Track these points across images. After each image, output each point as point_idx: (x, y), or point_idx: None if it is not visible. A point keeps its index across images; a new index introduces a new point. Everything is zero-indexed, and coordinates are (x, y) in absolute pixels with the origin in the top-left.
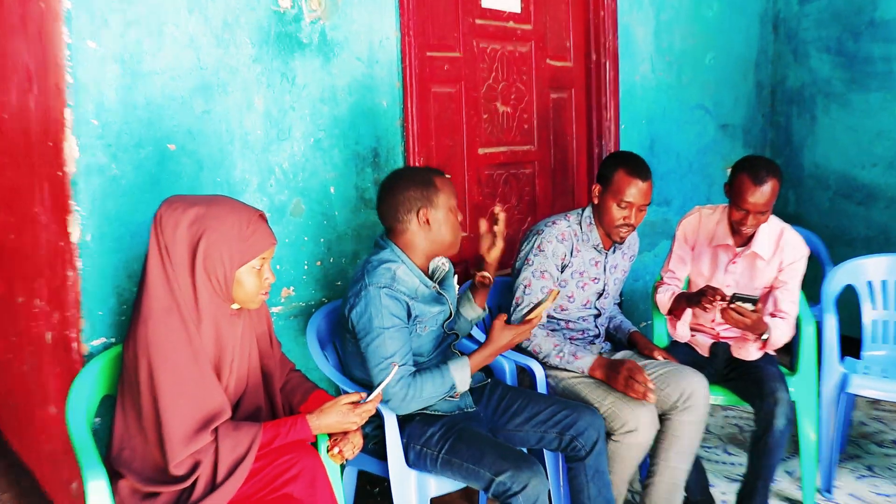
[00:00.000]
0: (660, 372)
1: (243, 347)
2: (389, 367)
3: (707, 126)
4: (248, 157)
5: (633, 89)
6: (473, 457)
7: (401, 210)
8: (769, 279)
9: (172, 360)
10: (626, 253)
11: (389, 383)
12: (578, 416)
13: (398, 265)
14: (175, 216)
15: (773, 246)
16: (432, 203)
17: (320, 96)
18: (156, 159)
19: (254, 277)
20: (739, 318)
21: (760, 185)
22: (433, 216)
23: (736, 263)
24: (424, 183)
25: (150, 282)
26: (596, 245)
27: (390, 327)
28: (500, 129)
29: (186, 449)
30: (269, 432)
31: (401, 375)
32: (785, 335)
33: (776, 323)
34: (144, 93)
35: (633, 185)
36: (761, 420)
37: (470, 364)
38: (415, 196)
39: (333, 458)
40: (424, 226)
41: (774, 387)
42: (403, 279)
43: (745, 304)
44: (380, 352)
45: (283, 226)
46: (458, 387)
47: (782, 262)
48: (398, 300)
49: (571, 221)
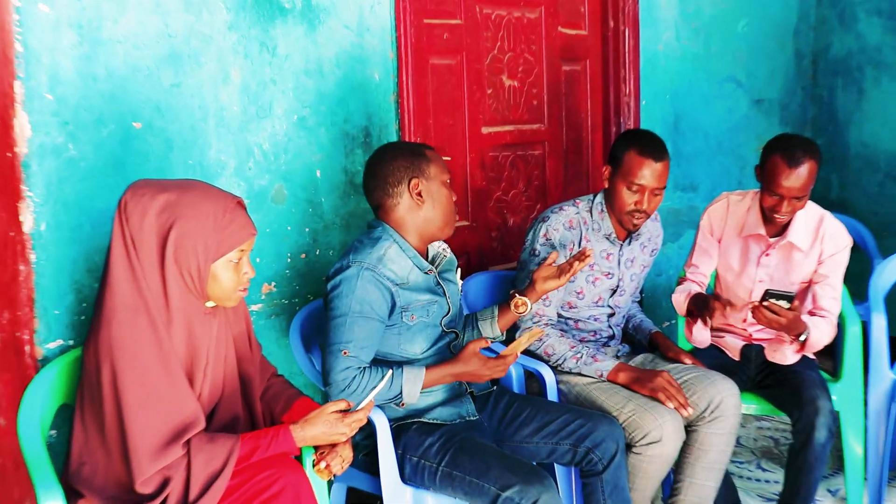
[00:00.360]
0: (685, 378)
1: (219, 350)
2: (340, 352)
3: (739, 101)
4: (224, 137)
5: (656, 60)
6: (477, 470)
7: (390, 182)
8: (807, 273)
9: (139, 365)
10: (646, 246)
11: (333, 370)
12: (594, 425)
13: (390, 244)
14: (142, 203)
15: (811, 235)
16: (424, 173)
17: (304, 68)
18: (119, 138)
19: (231, 272)
20: (773, 318)
21: (796, 167)
22: (426, 188)
23: (769, 255)
24: (414, 153)
25: (113, 277)
26: (608, 235)
27: (357, 313)
28: (506, 106)
29: (155, 464)
30: (247, 445)
31: (348, 365)
32: (826, 336)
33: (816, 322)
34: (105, 63)
35: (645, 167)
36: (799, 432)
37: (426, 378)
38: (405, 165)
39: (320, 473)
40: (416, 199)
41: (814, 394)
42: (394, 259)
43: (779, 301)
44: (336, 333)
45: (263, 214)
46: (404, 397)
47: (822, 254)
48: (379, 287)
49: (581, 208)
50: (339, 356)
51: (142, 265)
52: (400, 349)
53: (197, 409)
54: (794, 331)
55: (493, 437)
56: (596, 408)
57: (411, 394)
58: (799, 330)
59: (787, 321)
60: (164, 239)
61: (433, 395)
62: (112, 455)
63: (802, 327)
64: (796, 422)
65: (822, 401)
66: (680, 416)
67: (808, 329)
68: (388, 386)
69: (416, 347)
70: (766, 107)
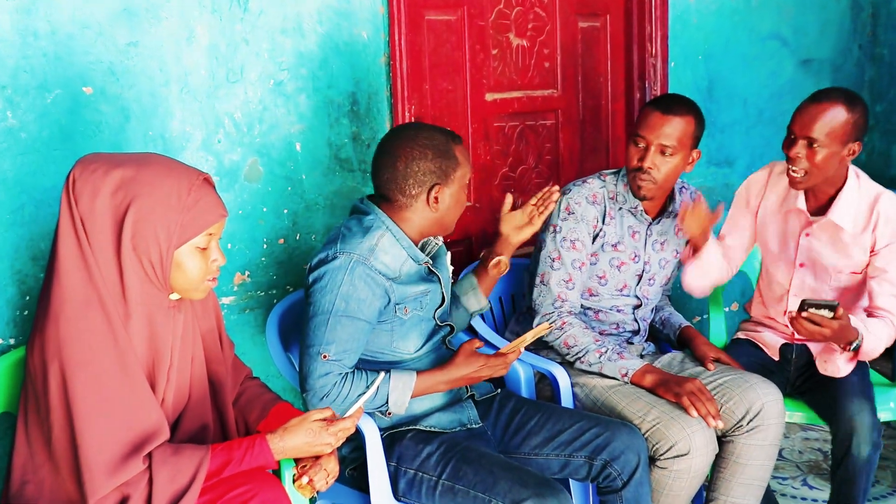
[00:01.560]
0: (720, 381)
1: (185, 349)
2: (319, 356)
3: (784, 62)
4: (189, 105)
5: (687, 15)
6: (483, 483)
7: (411, 184)
8: (858, 262)
9: (93, 367)
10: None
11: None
12: (613, 434)
13: (382, 232)
14: (93, 180)
15: (862, 217)
16: (448, 179)
17: (281, 26)
18: (67, 106)
19: (197, 259)
20: (816, 330)
21: (815, 102)
22: (443, 195)
23: (810, 236)
24: (445, 154)
25: (61, 266)
26: (634, 208)
27: (341, 312)
28: (514, 69)
29: (111, 481)
30: (218, 457)
31: (328, 371)
32: (883, 340)
33: (871, 325)
34: (49, 18)
35: (648, 116)
36: (838, 446)
37: (416, 384)
38: (432, 169)
39: (301, 489)
40: (433, 205)
41: (853, 407)
42: (387, 250)
43: (820, 311)
44: (316, 335)
45: (235, 193)
46: (391, 406)
47: (876, 242)
48: (370, 284)
49: (607, 181)
50: (318, 360)
51: (94, 252)
52: (392, 348)
53: (160, 417)
54: (844, 340)
55: (497, 447)
56: (615, 415)
57: (398, 403)
58: (849, 338)
59: (832, 332)
60: (119, 222)
61: (430, 398)
62: (61, 471)
63: (853, 335)
64: (834, 434)
65: (863, 415)
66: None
67: (860, 336)
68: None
69: (409, 345)
70: (815, 68)
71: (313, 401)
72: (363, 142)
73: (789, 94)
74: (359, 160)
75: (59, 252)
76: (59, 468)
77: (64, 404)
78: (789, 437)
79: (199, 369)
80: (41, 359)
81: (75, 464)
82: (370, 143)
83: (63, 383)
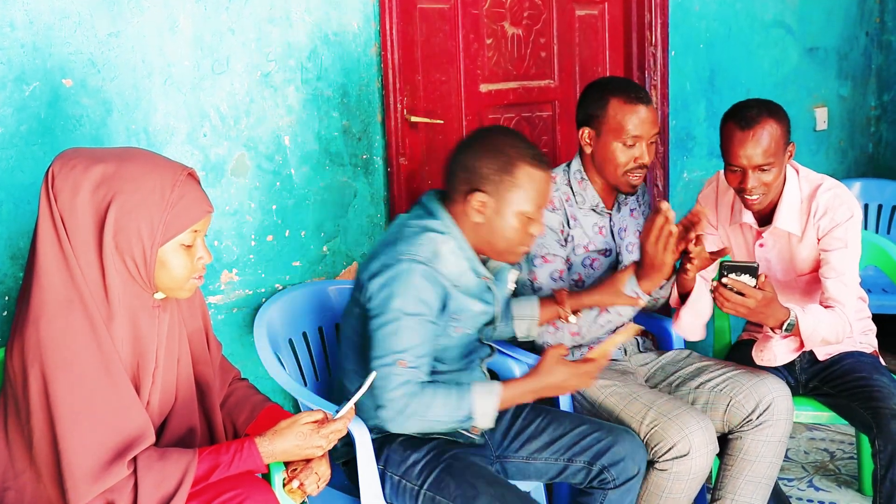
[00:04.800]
0: (730, 375)
1: (170, 350)
2: (395, 363)
3: (788, 50)
4: (174, 97)
5: (688, 2)
6: (464, 496)
7: (459, 178)
8: (813, 259)
9: (75, 370)
10: (633, 210)
11: (385, 387)
12: (615, 440)
13: (447, 239)
14: (73, 176)
15: (803, 213)
16: (498, 195)
17: (269, 15)
18: (45, 99)
19: (183, 257)
20: (739, 300)
21: (747, 129)
22: (491, 208)
23: (764, 247)
24: (505, 164)
25: (40, 265)
26: (595, 206)
27: (414, 314)
28: (510, 59)
29: (95, 487)
30: (206, 462)
31: (407, 379)
32: (826, 325)
33: (812, 309)
34: (26, 7)
35: (634, 114)
36: (880, 451)
37: (503, 395)
38: (483, 172)
39: (292, 494)
40: (475, 213)
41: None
42: (449, 259)
43: (741, 277)
44: (390, 342)
45: (221, 189)
46: (476, 420)
47: (818, 232)
48: (435, 284)
49: (559, 182)
50: (394, 368)
51: (75, 251)
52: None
53: (145, 421)
54: (772, 318)
55: (494, 452)
56: (613, 418)
57: (485, 415)
58: (779, 317)
59: (756, 303)
60: (101, 219)
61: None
62: (43, 477)
63: (783, 313)
64: (875, 439)
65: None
66: (711, 426)
67: (791, 315)
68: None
69: (446, 356)
70: (820, 56)
71: (389, 416)
72: (354, 135)
73: (794, 84)
74: (349, 154)
75: (38, 251)
76: (40, 474)
77: (45, 408)
78: (795, 438)
79: (185, 371)
80: (21, 362)
81: (58, 470)
82: (361, 136)
83: (44, 387)
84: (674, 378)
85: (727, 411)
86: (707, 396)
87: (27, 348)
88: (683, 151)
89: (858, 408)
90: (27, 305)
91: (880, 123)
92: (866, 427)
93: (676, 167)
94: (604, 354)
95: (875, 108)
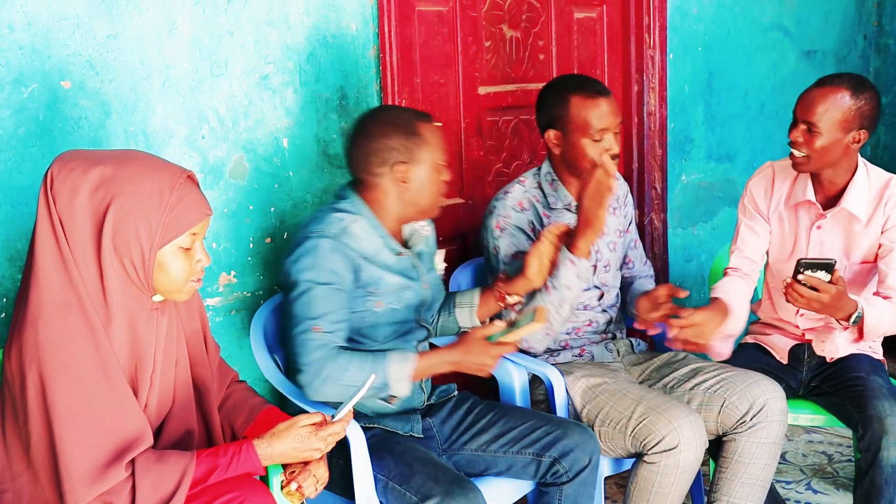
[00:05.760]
0: (723, 377)
1: (168, 352)
2: (310, 329)
3: (786, 53)
4: (172, 100)
5: (686, 5)
6: (401, 475)
7: (373, 161)
8: (870, 249)
9: (73, 373)
10: (615, 207)
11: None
12: (564, 432)
13: (356, 218)
14: (72, 179)
15: (872, 202)
16: (414, 157)
17: (267, 17)
18: (44, 101)
19: (181, 260)
20: (812, 295)
21: (819, 86)
22: (413, 174)
23: (822, 228)
24: (408, 131)
25: (39, 267)
26: (568, 205)
27: (325, 283)
28: (508, 62)
29: (93, 489)
30: (204, 464)
31: (322, 343)
32: (889, 320)
33: (874, 301)
34: (25, 9)
35: (597, 108)
36: (864, 451)
37: (417, 363)
38: (393, 146)
39: (290, 496)
40: (400, 184)
41: (881, 408)
42: (360, 236)
43: (816, 273)
44: (304, 310)
45: (220, 191)
46: (391, 387)
47: (886, 222)
48: (343, 256)
49: (528, 185)
50: (310, 334)
51: (74, 253)
52: (359, 335)
53: (143, 423)
54: (841, 311)
55: (442, 445)
56: (602, 414)
57: (399, 381)
58: (847, 310)
59: (829, 298)
60: (99, 222)
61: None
62: (40, 480)
63: (852, 306)
64: (860, 438)
65: (892, 417)
66: (700, 420)
67: (859, 307)
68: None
69: (377, 335)
70: (818, 59)
71: (307, 380)
72: None
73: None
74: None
75: (36, 253)
76: (38, 476)
77: (43, 411)
78: (793, 440)
79: (183, 373)
80: (19, 364)
81: (55, 472)
82: None
83: (42, 389)
84: (669, 379)
85: (721, 412)
86: (701, 398)
87: (25, 350)
88: (682, 154)
89: (849, 406)
90: (25, 308)
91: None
92: (855, 426)
93: (675, 170)
94: (517, 339)
95: None
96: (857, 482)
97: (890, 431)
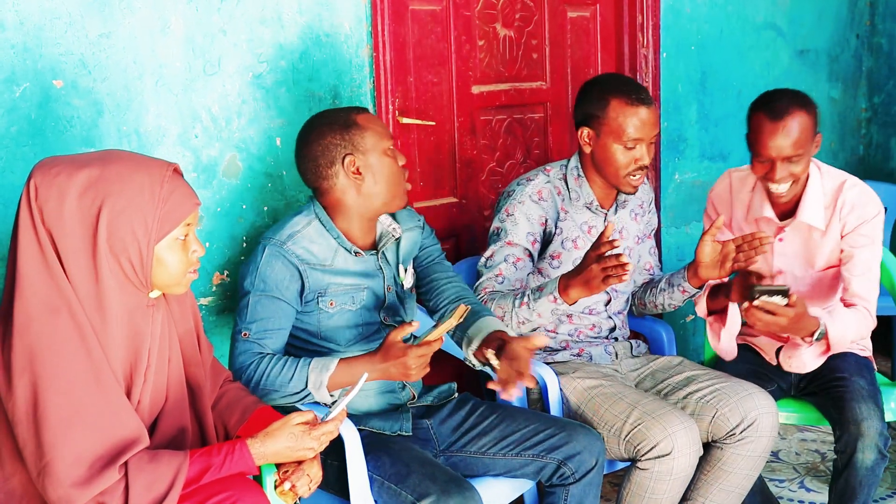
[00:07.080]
0: (717, 387)
1: (161, 350)
2: (240, 334)
3: (779, 52)
4: (165, 99)
5: (680, 4)
6: (398, 474)
7: (321, 163)
8: (833, 256)
9: (65, 378)
10: (637, 213)
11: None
12: (570, 435)
13: (308, 220)
14: (58, 184)
15: (828, 208)
16: (358, 147)
17: (260, 16)
18: (36, 100)
19: (179, 252)
20: (771, 320)
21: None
22: (363, 163)
23: (783, 241)
24: (344, 124)
25: (23, 276)
26: (589, 203)
27: (260, 292)
28: (501, 61)
29: (86, 493)
30: (197, 463)
31: (246, 349)
32: (854, 329)
33: (838, 313)
34: (16, 8)
35: (635, 116)
36: (840, 452)
37: (336, 372)
38: (335, 142)
39: (283, 496)
40: (355, 178)
41: (859, 412)
42: (313, 238)
43: (772, 298)
44: (240, 317)
45: (213, 190)
46: (313, 394)
47: (844, 227)
48: (286, 264)
49: (552, 176)
50: (239, 339)
51: (64, 258)
52: (319, 339)
53: (138, 425)
54: (803, 331)
55: (439, 447)
56: (597, 418)
57: (317, 384)
58: (809, 328)
59: (788, 321)
60: (93, 224)
61: (367, 402)
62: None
63: (814, 324)
64: (837, 439)
65: (869, 420)
66: (695, 427)
67: (821, 324)
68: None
69: (337, 338)
70: (811, 59)
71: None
72: None
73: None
74: None
75: (19, 262)
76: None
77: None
78: (786, 439)
79: (176, 372)
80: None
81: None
82: None
83: (34, 396)
84: (663, 386)
85: (712, 423)
86: (694, 406)
87: (14, 361)
88: (675, 153)
89: (831, 406)
90: (11, 318)
91: (871, 126)
92: (833, 426)
93: (668, 169)
94: (437, 337)
95: (866, 111)
96: (832, 482)
97: (866, 434)
